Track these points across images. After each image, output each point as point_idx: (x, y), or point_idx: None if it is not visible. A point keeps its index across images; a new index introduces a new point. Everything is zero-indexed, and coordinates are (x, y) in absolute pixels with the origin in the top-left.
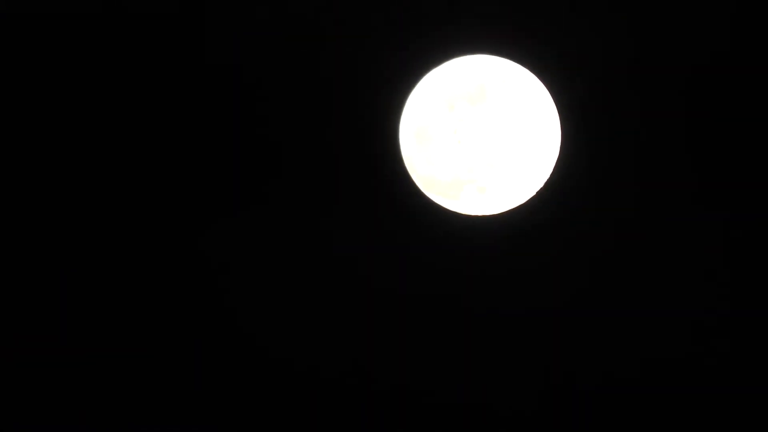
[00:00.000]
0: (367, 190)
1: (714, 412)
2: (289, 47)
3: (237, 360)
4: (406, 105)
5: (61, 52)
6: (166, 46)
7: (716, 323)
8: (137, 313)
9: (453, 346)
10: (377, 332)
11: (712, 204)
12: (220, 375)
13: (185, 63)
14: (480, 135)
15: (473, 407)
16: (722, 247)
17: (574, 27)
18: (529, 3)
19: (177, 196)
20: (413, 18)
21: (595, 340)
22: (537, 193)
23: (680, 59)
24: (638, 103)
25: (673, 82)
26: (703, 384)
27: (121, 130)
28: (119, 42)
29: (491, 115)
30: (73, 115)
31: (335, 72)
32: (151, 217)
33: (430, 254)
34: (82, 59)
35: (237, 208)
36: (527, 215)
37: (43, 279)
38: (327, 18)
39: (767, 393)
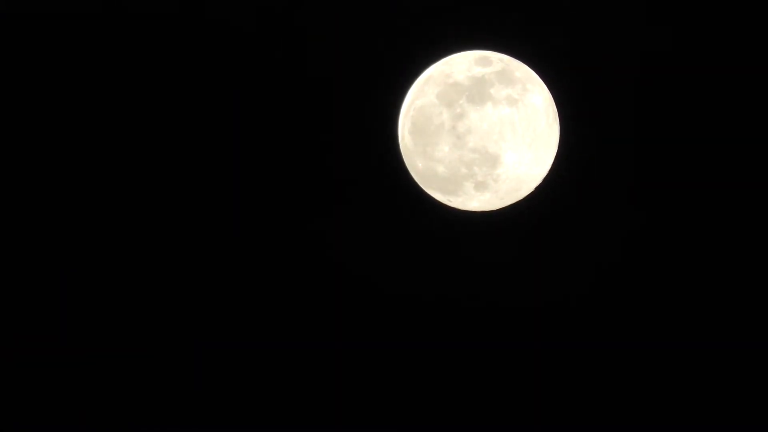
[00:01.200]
0: (366, 185)
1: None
2: (288, 46)
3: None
4: (405, 101)
5: (61, 52)
6: (167, 46)
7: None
8: (137, 313)
9: (450, 338)
10: (374, 328)
11: (706, 198)
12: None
13: (185, 63)
14: (478, 131)
15: None
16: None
17: (574, 24)
18: (530, 0)
19: (170, 192)
20: (413, 14)
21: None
22: (535, 188)
23: (681, 59)
24: (639, 101)
25: (674, 81)
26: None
27: (116, 129)
28: (119, 42)
29: (490, 112)
30: (72, 114)
31: (334, 70)
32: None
33: (428, 249)
34: (82, 59)
35: (236, 204)
36: (525, 211)
37: (46, 279)
38: (326, 15)
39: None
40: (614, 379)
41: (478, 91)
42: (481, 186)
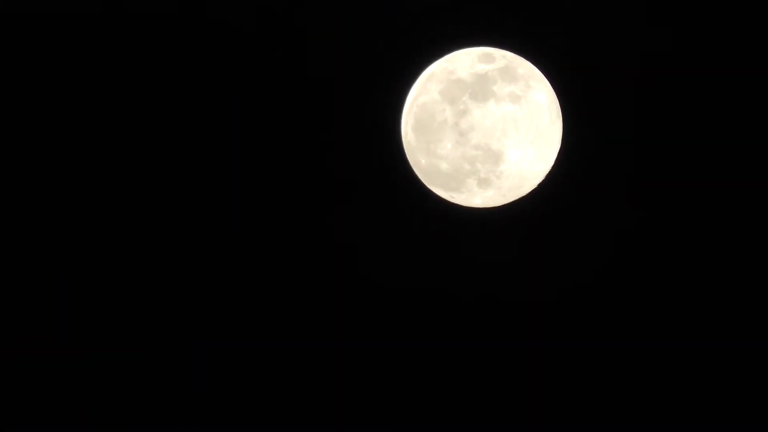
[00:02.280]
0: (369, 182)
1: None
2: (288, 46)
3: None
4: (408, 98)
5: (61, 52)
6: (167, 46)
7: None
8: (137, 313)
9: (452, 336)
10: (372, 326)
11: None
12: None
13: (185, 63)
14: (481, 128)
15: None
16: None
17: (576, 21)
18: (530, 1)
19: (168, 192)
20: (415, 11)
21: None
22: (538, 185)
23: (681, 59)
24: (640, 99)
25: (674, 81)
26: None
27: (117, 130)
28: (119, 42)
29: (493, 108)
30: (73, 114)
31: (334, 70)
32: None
33: (431, 245)
34: (83, 59)
35: (237, 205)
36: (528, 207)
37: (46, 279)
38: (326, 15)
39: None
40: (615, 378)
41: (481, 88)
42: (484, 183)
